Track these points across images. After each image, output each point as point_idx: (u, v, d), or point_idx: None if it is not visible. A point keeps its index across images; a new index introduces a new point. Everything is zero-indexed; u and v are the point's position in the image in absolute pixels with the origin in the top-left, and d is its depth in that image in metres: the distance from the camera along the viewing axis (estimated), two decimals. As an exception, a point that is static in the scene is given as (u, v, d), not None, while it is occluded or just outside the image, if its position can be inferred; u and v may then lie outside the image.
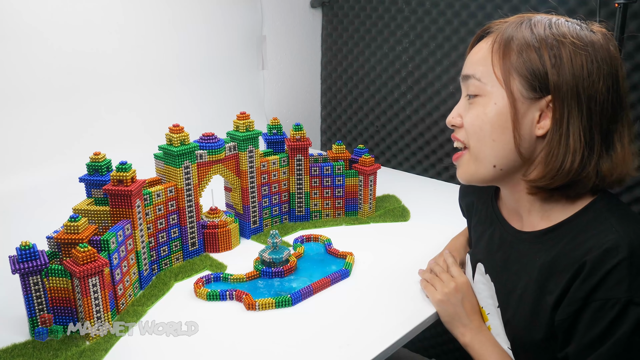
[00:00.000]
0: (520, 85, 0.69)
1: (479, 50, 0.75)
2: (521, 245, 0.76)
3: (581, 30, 0.69)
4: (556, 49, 0.67)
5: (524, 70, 0.68)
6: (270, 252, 1.00)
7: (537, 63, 0.68)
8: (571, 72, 0.66)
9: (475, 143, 0.74)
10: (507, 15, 0.77)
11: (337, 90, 2.11)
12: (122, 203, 0.90)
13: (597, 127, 0.67)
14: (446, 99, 1.76)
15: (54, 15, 1.40)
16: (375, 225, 1.23)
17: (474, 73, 0.74)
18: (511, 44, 0.70)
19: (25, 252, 0.78)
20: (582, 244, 0.66)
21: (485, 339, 0.83)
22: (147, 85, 1.63)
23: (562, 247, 0.68)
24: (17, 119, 1.39)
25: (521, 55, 0.69)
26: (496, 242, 0.82)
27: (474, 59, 0.75)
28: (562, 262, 0.67)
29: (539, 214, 0.74)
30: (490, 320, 0.83)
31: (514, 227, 0.79)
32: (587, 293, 0.62)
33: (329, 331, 0.83)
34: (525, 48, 0.68)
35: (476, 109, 0.73)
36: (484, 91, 0.72)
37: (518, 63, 0.69)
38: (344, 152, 1.25)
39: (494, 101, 0.71)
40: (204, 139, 1.06)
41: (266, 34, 1.92)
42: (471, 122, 0.74)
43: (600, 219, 0.67)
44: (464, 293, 0.88)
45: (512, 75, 0.69)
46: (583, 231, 0.68)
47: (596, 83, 0.66)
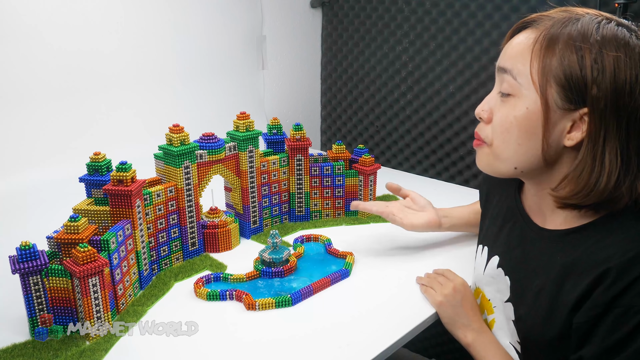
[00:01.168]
0: (557, 94, 0.66)
1: (519, 44, 0.70)
2: (542, 242, 0.75)
3: (630, 37, 0.65)
4: (600, 60, 0.63)
5: (563, 80, 0.65)
6: (270, 252, 1.00)
7: (577, 73, 0.64)
8: (613, 87, 0.63)
9: (500, 143, 0.72)
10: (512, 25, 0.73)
11: (337, 90, 2.11)
12: (122, 203, 0.90)
13: (635, 145, 0.64)
14: (446, 99, 1.76)
15: (53, 15, 1.40)
16: (375, 225, 1.23)
17: (511, 69, 0.70)
18: (554, 47, 0.66)
19: (25, 252, 0.77)
20: (606, 249, 0.64)
21: (488, 340, 0.83)
22: (147, 85, 1.63)
23: (585, 249, 0.67)
24: (17, 119, 1.39)
25: (562, 63, 0.65)
26: (516, 238, 0.80)
27: (513, 51, 0.70)
28: (584, 264, 0.66)
29: (563, 214, 0.73)
30: (495, 313, 0.83)
31: (536, 224, 0.77)
32: (611, 298, 0.61)
33: (329, 331, 0.83)
34: (568, 55, 0.65)
35: (506, 109, 0.71)
36: (518, 92, 0.69)
37: (557, 71, 0.65)
38: (344, 152, 1.25)
39: (527, 105, 0.68)
40: (204, 139, 1.06)
41: (266, 34, 1.92)
42: (499, 122, 0.72)
43: (627, 224, 0.66)
44: (463, 294, 0.88)
45: (549, 82, 0.66)
46: (608, 236, 0.66)
47: (638, 99, 0.63)
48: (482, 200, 0.98)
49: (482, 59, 1.64)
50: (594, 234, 0.68)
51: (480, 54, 1.65)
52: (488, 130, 0.74)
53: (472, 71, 1.67)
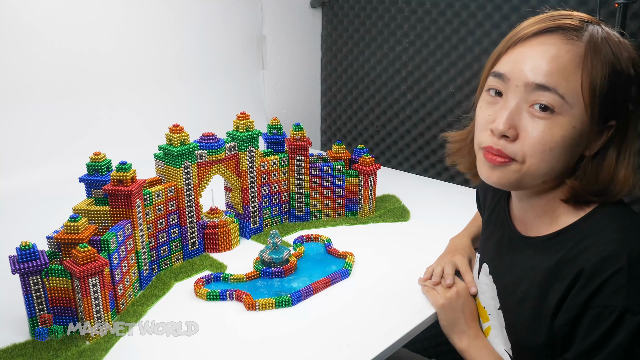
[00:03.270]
0: (600, 113, 0.65)
1: (556, 56, 0.65)
2: (526, 250, 0.75)
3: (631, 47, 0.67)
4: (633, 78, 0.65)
5: (605, 96, 0.64)
6: (270, 252, 1.00)
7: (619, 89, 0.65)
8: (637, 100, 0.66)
9: (537, 161, 0.67)
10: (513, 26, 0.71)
11: (337, 90, 2.11)
12: (122, 203, 0.90)
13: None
14: (446, 99, 1.76)
15: (53, 15, 1.40)
16: (375, 225, 1.23)
17: (555, 87, 0.64)
18: (597, 63, 0.64)
19: (25, 252, 0.77)
20: (583, 251, 0.65)
21: (482, 346, 0.83)
22: (147, 85, 1.63)
23: (564, 252, 0.67)
24: (17, 119, 1.39)
25: (606, 79, 0.64)
26: (505, 245, 0.81)
27: (552, 67, 0.64)
28: (564, 268, 0.66)
29: (549, 219, 0.73)
30: (491, 320, 0.83)
31: (520, 232, 0.78)
32: (585, 300, 0.62)
33: (329, 331, 0.83)
34: (608, 71, 0.64)
35: (549, 127, 0.65)
36: (564, 110, 0.64)
37: (603, 88, 0.64)
38: (344, 152, 1.25)
39: (574, 124, 0.64)
40: (204, 139, 1.06)
41: (266, 34, 1.92)
42: (540, 140, 0.65)
43: (603, 225, 0.66)
44: (465, 299, 0.88)
45: (597, 99, 0.64)
46: (586, 237, 0.66)
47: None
48: (480, 208, 0.98)
49: (482, 59, 1.64)
50: (574, 235, 0.68)
51: (480, 54, 1.64)
52: (517, 147, 0.67)
53: (472, 71, 1.67)
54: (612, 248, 0.62)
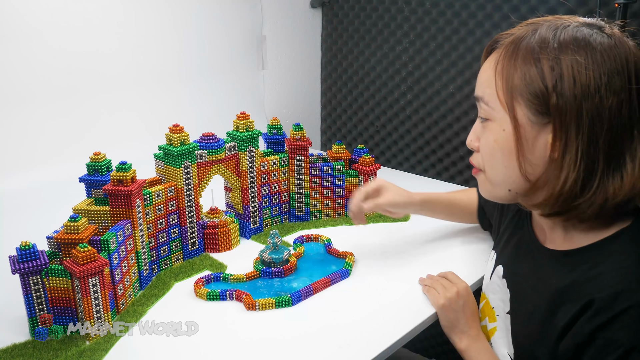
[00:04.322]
0: (527, 109, 0.65)
1: (485, 70, 0.71)
2: (542, 260, 0.74)
3: (592, 35, 0.63)
4: (557, 67, 0.62)
5: (527, 94, 0.64)
6: (270, 252, 1.00)
7: (539, 85, 0.63)
8: (573, 92, 0.61)
9: (490, 169, 0.73)
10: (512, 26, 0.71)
11: (337, 90, 2.11)
12: (122, 203, 0.90)
13: (602, 148, 0.62)
14: (446, 99, 1.76)
15: (54, 15, 1.40)
16: (375, 225, 1.23)
17: (482, 96, 0.71)
18: (515, 64, 0.66)
19: (25, 252, 0.78)
20: (597, 277, 0.63)
21: (482, 348, 0.83)
22: (147, 85, 1.63)
23: (579, 274, 0.66)
24: (17, 119, 1.39)
25: (524, 78, 0.64)
26: (522, 250, 0.80)
27: (481, 78, 0.72)
28: (576, 291, 0.65)
29: (561, 234, 0.72)
30: (497, 322, 0.83)
31: (539, 241, 0.77)
32: (593, 329, 0.61)
33: (329, 331, 0.83)
34: (528, 69, 0.64)
35: (487, 134, 0.71)
36: (493, 116, 0.69)
37: (521, 87, 0.65)
38: (344, 152, 1.25)
39: (503, 127, 0.68)
40: (204, 139, 1.06)
41: (266, 34, 1.92)
42: (483, 148, 0.72)
43: (622, 253, 0.64)
44: (465, 299, 0.87)
45: (516, 99, 0.66)
46: (602, 262, 0.64)
47: (605, 100, 0.61)
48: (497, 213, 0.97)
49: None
50: (590, 258, 0.66)
51: (480, 53, 1.64)
52: (479, 157, 0.74)
53: (472, 71, 1.67)
54: (627, 281, 0.60)
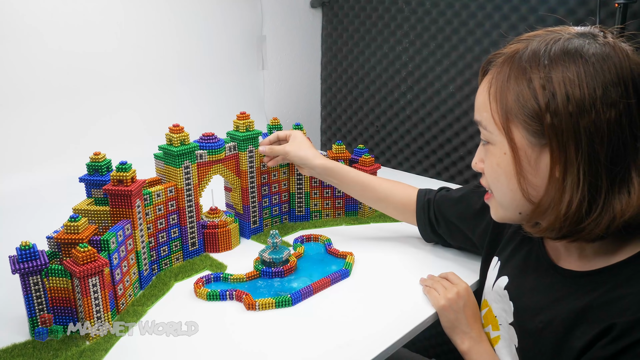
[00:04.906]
0: (525, 131, 0.63)
1: (480, 93, 0.69)
2: (554, 279, 0.72)
3: (585, 45, 0.60)
4: (548, 85, 0.60)
5: (523, 115, 0.62)
6: (270, 252, 1.00)
7: (533, 105, 0.61)
8: (567, 110, 0.59)
9: (497, 193, 0.71)
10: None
11: (337, 90, 2.11)
12: (122, 203, 0.90)
13: (605, 165, 0.59)
14: (446, 99, 1.76)
15: (53, 15, 1.40)
16: (375, 225, 1.23)
17: (480, 120, 0.69)
18: (508, 85, 0.64)
19: (25, 252, 0.78)
20: (617, 301, 0.61)
21: (484, 350, 0.82)
22: (147, 85, 1.63)
23: (597, 296, 0.64)
24: (17, 119, 1.39)
25: (518, 99, 0.62)
26: (531, 265, 0.77)
27: (478, 102, 0.70)
28: (594, 313, 0.63)
29: (576, 253, 0.69)
30: (501, 331, 0.81)
31: (552, 259, 0.74)
32: (611, 354, 0.59)
33: (329, 331, 0.83)
34: (520, 89, 0.62)
35: (490, 158, 0.69)
36: (493, 140, 0.68)
37: (515, 108, 0.63)
38: (344, 152, 1.25)
39: (504, 150, 0.66)
40: (204, 139, 1.06)
41: (266, 34, 1.92)
42: (488, 172, 0.70)
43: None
44: (466, 300, 0.87)
45: (512, 121, 0.64)
46: (622, 286, 0.62)
47: (602, 114, 0.58)
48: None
49: (482, 59, 1.64)
50: (609, 280, 0.64)
51: (480, 54, 1.64)
52: (485, 181, 0.73)
53: (472, 71, 1.67)
54: None
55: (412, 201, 1.07)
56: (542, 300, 0.72)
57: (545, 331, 0.69)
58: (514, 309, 0.77)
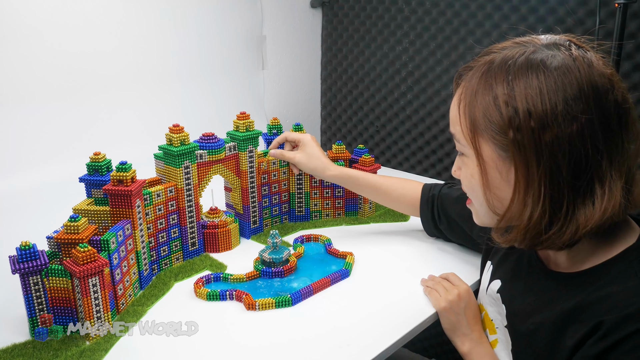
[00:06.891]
0: (494, 144, 0.64)
1: (453, 106, 0.70)
2: (546, 281, 0.72)
3: (550, 59, 0.61)
4: (510, 100, 0.61)
5: (490, 130, 0.63)
6: (270, 252, 1.00)
7: (498, 120, 0.62)
8: (528, 125, 0.59)
9: (474, 201, 0.73)
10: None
11: (337, 90, 2.11)
12: (122, 203, 0.90)
13: (566, 179, 0.60)
14: (446, 99, 1.76)
15: (53, 15, 1.40)
16: (375, 225, 1.23)
17: (454, 133, 0.70)
18: (475, 100, 0.65)
19: (25, 252, 0.77)
20: (606, 298, 0.62)
21: (484, 352, 0.82)
22: (147, 85, 1.63)
23: (587, 294, 0.64)
24: (17, 119, 1.39)
25: (485, 114, 0.63)
26: (524, 269, 0.78)
27: (451, 115, 0.71)
28: (584, 312, 0.64)
29: (565, 256, 0.70)
30: (497, 334, 0.82)
31: (542, 262, 0.75)
32: (601, 352, 0.60)
33: (329, 331, 0.83)
34: (486, 104, 0.63)
35: (465, 169, 0.71)
36: (466, 152, 0.69)
37: (483, 123, 0.64)
38: (344, 152, 1.25)
39: (476, 162, 0.67)
40: (204, 139, 1.06)
41: (266, 34, 1.92)
42: (464, 182, 0.73)
43: (630, 273, 0.62)
44: (467, 301, 0.87)
45: (481, 135, 0.65)
46: (610, 283, 0.63)
47: (563, 128, 0.58)
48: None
49: (482, 59, 1.64)
50: (597, 279, 0.65)
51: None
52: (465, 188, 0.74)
53: (472, 71, 1.67)
54: (637, 305, 0.59)
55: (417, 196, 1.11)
56: (534, 303, 0.72)
57: (537, 333, 0.70)
58: (506, 312, 0.77)
